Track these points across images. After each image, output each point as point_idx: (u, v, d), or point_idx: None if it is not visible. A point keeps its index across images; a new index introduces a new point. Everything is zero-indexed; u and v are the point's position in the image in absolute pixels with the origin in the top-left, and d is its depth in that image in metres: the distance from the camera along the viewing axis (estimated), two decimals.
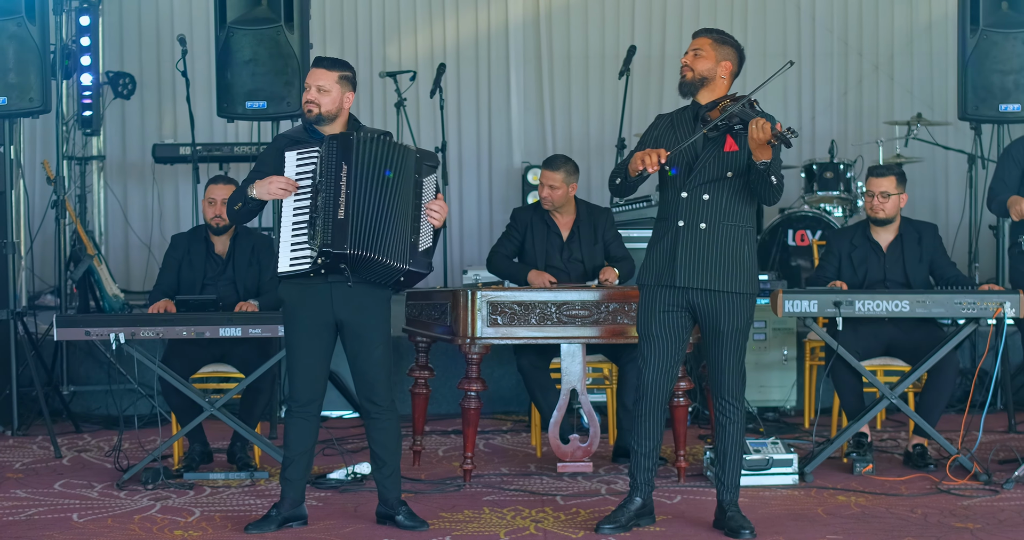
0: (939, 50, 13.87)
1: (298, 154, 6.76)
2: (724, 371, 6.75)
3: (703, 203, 6.65)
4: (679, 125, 6.79)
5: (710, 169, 6.65)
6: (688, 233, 6.66)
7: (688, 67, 6.72)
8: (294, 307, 6.84)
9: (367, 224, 6.61)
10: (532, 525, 6.96)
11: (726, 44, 6.74)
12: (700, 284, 6.65)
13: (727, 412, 6.79)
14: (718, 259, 6.64)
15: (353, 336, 6.85)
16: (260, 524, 6.90)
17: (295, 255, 6.69)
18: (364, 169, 6.64)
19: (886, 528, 6.85)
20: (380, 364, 6.90)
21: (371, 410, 6.95)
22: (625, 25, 13.97)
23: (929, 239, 8.62)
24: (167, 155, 12.41)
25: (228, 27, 10.04)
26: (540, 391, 8.50)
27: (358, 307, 6.81)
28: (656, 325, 6.74)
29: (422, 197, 6.74)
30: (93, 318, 8.16)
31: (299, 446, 6.91)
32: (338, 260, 6.59)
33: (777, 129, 6.34)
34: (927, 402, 8.29)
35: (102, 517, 7.21)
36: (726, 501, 6.83)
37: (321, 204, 6.59)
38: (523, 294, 7.81)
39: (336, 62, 6.91)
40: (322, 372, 6.93)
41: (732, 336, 6.71)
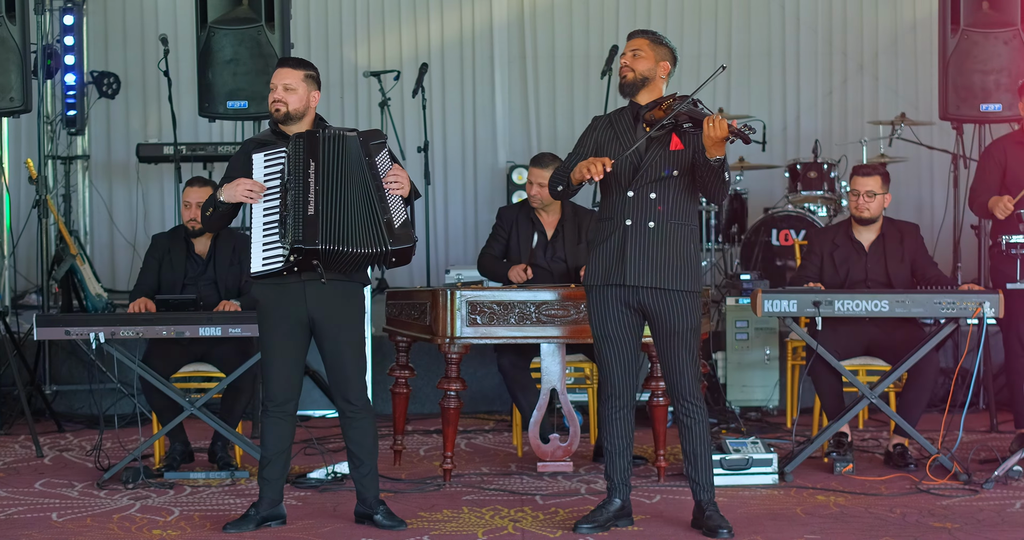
0: (924, 50, 13.85)
1: (265, 155, 6.78)
2: (683, 372, 6.73)
3: (650, 202, 6.67)
4: (619, 127, 6.81)
5: (657, 168, 6.67)
6: (637, 232, 6.68)
7: (628, 68, 6.74)
8: (268, 307, 6.84)
9: (337, 218, 6.61)
10: (510, 524, 6.96)
11: (662, 45, 6.77)
12: (650, 283, 6.66)
13: (690, 412, 6.77)
14: (667, 258, 6.66)
15: (327, 334, 6.85)
16: (238, 523, 6.90)
17: (267, 255, 6.70)
18: (331, 165, 6.65)
19: (864, 528, 6.85)
20: (354, 362, 6.91)
21: (346, 409, 6.95)
22: (609, 25, 13.96)
23: (911, 239, 8.63)
24: (151, 155, 12.38)
25: (209, 27, 10.04)
26: (521, 391, 8.50)
27: (332, 305, 6.82)
28: (612, 324, 6.76)
29: (379, 176, 6.72)
30: (73, 317, 8.16)
31: (276, 446, 6.92)
32: (310, 256, 6.59)
33: (733, 126, 6.37)
34: (907, 402, 8.30)
35: (81, 517, 7.21)
36: (704, 500, 6.83)
37: (291, 202, 6.60)
38: (502, 294, 7.81)
39: (301, 61, 6.97)
40: (297, 371, 6.94)
41: (686, 335, 6.71)
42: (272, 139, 6.86)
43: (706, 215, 12.09)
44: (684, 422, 6.79)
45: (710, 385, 9.92)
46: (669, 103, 6.61)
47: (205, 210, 6.90)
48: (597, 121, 6.95)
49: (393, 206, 6.71)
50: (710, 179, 6.56)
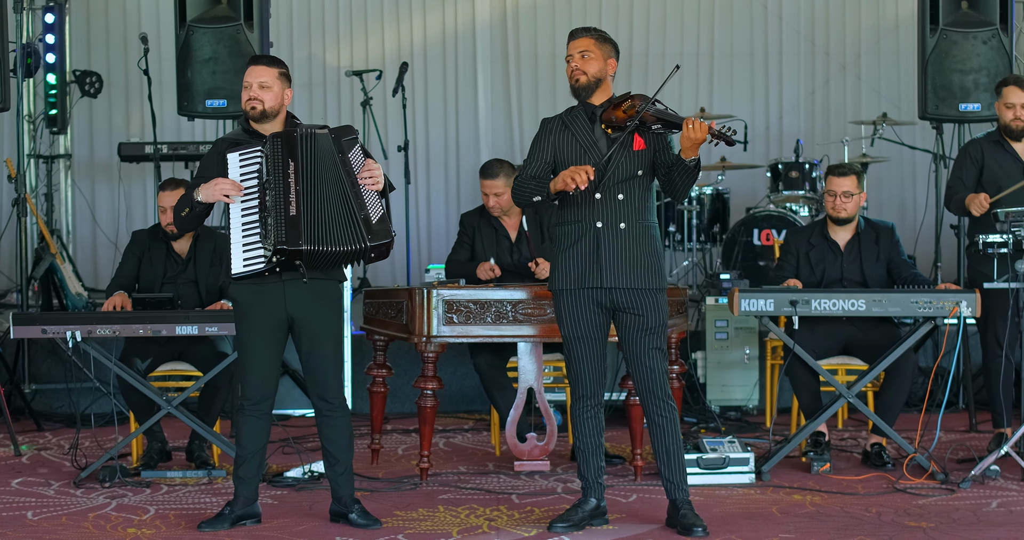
0: (906, 50, 13.83)
1: (240, 155, 6.76)
2: (654, 369, 6.73)
3: (619, 203, 6.68)
4: (576, 128, 6.78)
5: (623, 169, 6.68)
6: (608, 234, 6.69)
7: (580, 71, 6.71)
8: (246, 307, 6.83)
9: (317, 217, 6.61)
10: (485, 523, 6.96)
11: (607, 41, 6.77)
12: (627, 283, 6.67)
13: (662, 411, 6.77)
14: (639, 257, 6.69)
15: (305, 333, 6.85)
16: (213, 522, 6.90)
17: (248, 255, 6.69)
18: (308, 164, 6.64)
19: (839, 527, 6.86)
20: (332, 360, 6.92)
21: (322, 407, 6.95)
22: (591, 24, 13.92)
23: (886, 239, 8.63)
24: (133, 154, 12.35)
25: (188, 26, 10.02)
26: (497, 390, 8.50)
27: (311, 304, 6.82)
28: (585, 326, 6.76)
29: (352, 173, 6.70)
30: (49, 316, 8.16)
31: (252, 445, 6.92)
32: (293, 257, 6.59)
33: (714, 128, 6.37)
34: (885, 401, 8.31)
35: (56, 515, 7.20)
36: (679, 499, 6.83)
37: (271, 202, 6.59)
38: (479, 292, 7.81)
39: (273, 59, 7.00)
40: (274, 370, 6.94)
41: (658, 332, 6.73)
42: (245, 138, 6.85)
43: (688, 214, 12.09)
44: (655, 420, 6.78)
45: (689, 384, 9.93)
46: (629, 103, 6.59)
47: (180, 210, 6.88)
48: (548, 124, 6.91)
49: (369, 202, 6.69)
50: (681, 179, 6.58)
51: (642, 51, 13.88)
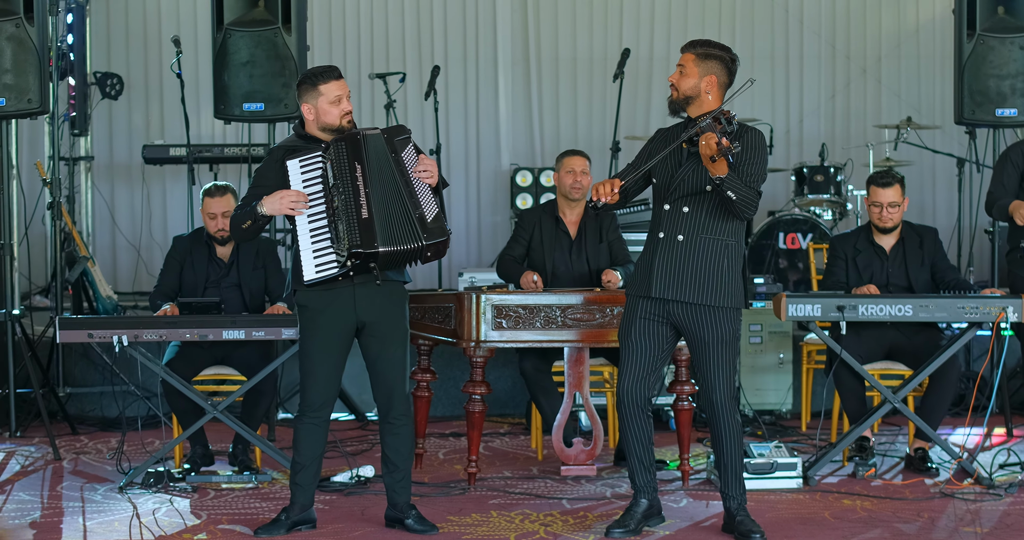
0: (926, 54, 13.93)
1: (300, 161, 6.73)
2: (714, 386, 6.72)
3: (683, 215, 6.69)
4: (670, 139, 6.82)
5: (690, 182, 6.68)
6: (666, 245, 6.71)
7: (673, 86, 6.74)
8: (315, 313, 6.80)
9: (387, 219, 6.59)
10: (542, 529, 6.95)
11: (710, 58, 6.70)
12: (676, 296, 6.67)
13: (721, 424, 6.78)
14: (695, 271, 6.66)
15: (375, 336, 6.84)
16: (269, 528, 6.89)
17: (320, 261, 6.65)
18: (375, 166, 6.63)
19: (895, 533, 6.87)
20: (400, 364, 6.90)
21: (389, 414, 6.93)
22: (613, 28, 13.98)
23: (930, 243, 8.66)
24: (157, 156, 12.35)
25: (225, 29, 9.99)
26: (543, 395, 8.49)
27: (381, 307, 6.82)
28: (635, 332, 6.77)
29: (407, 172, 6.69)
30: (96, 321, 8.11)
31: (311, 452, 6.90)
32: (369, 260, 6.58)
33: (724, 144, 6.35)
34: (929, 406, 8.31)
35: (108, 520, 7.19)
36: (733, 507, 6.84)
37: (342, 206, 6.57)
38: (528, 297, 7.81)
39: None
40: (337, 378, 6.91)
41: (718, 348, 6.69)
42: (301, 144, 6.83)
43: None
44: (714, 432, 6.81)
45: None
46: (702, 119, 6.59)
47: (240, 222, 6.80)
48: (657, 133, 6.98)
49: (424, 200, 6.68)
50: (720, 196, 6.57)
51: (663, 55, 13.89)
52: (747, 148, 6.64)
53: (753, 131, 6.73)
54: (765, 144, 6.75)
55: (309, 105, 6.80)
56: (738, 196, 6.52)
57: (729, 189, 6.48)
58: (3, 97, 9.12)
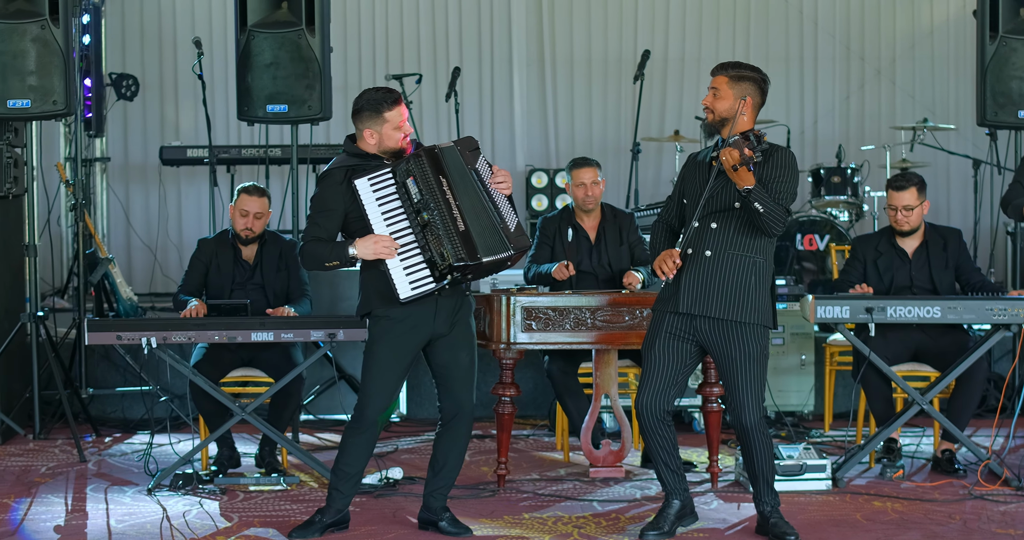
0: (941, 55, 13.96)
1: (370, 180, 6.68)
2: (742, 402, 6.72)
3: (711, 232, 6.72)
4: (701, 166, 6.86)
5: (719, 199, 6.70)
6: (694, 260, 6.73)
7: (709, 109, 6.76)
8: (393, 322, 6.74)
9: (481, 230, 6.59)
10: (575, 531, 6.95)
11: (744, 80, 6.74)
12: (702, 311, 6.68)
13: (752, 443, 6.79)
14: (721, 287, 6.67)
15: (446, 345, 6.83)
16: (304, 529, 6.88)
17: (413, 278, 6.61)
18: (457, 178, 6.63)
19: (929, 534, 6.87)
20: (469, 370, 6.90)
21: (456, 415, 6.92)
22: (628, 29, 14.00)
23: (954, 245, 8.65)
24: (175, 157, 12.34)
25: (249, 30, 9.98)
26: (570, 396, 8.50)
27: (456, 317, 6.82)
28: (659, 347, 6.78)
29: (485, 183, 6.69)
30: (124, 322, 8.10)
31: (359, 462, 6.89)
32: (468, 271, 6.58)
33: (746, 153, 6.36)
34: (956, 408, 8.31)
35: (140, 522, 7.18)
36: (766, 511, 6.85)
37: (437, 220, 6.55)
38: (558, 299, 7.82)
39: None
40: (398, 391, 6.90)
41: (746, 364, 6.69)
42: (357, 162, 6.78)
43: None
44: (746, 444, 6.82)
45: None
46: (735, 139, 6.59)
47: (326, 260, 6.69)
48: (688, 159, 7.01)
49: (504, 210, 6.70)
50: (747, 210, 6.59)
51: (678, 56, 13.92)
52: (776, 166, 6.68)
53: (783, 150, 6.77)
54: (795, 164, 6.77)
55: (372, 130, 6.74)
56: (765, 209, 6.53)
57: (756, 201, 6.50)
58: (28, 99, 9.09)
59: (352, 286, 10.23)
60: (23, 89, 9.11)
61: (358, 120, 6.78)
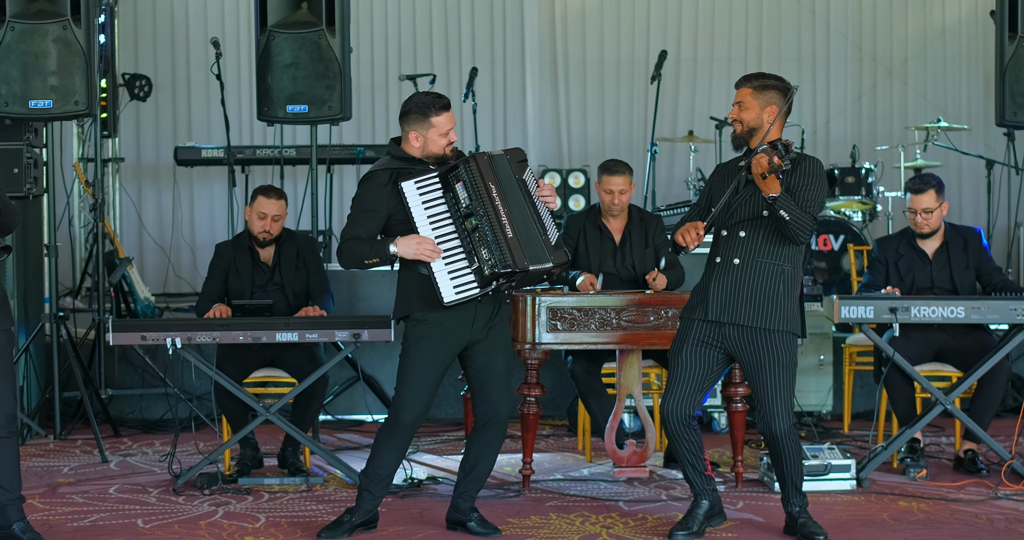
0: (952, 56, 13.97)
1: (417, 184, 6.69)
2: (771, 408, 6.74)
3: (739, 240, 6.75)
4: (731, 173, 6.89)
5: (746, 208, 6.74)
6: (723, 268, 6.76)
7: (737, 121, 6.79)
8: (430, 329, 6.74)
9: (527, 238, 6.61)
10: (604, 531, 6.96)
11: (768, 89, 6.78)
12: (731, 318, 6.71)
13: (782, 450, 6.81)
14: (750, 295, 6.71)
15: (482, 349, 6.83)
16: (332, 529, 6.88)
17: (458, 282, 6.63)
18: (506, 186, 6.65)
19: (957, 534, 6.88)
20: (505, 374, 6.90)
21: (491, 419, 6.91)
22: (640, 30, 14.01)
23: (975, 245, 8.66)
24: (190, 158, 12.34)
25: (269, 31, 9.99)
26: (593, 397, 8.49)
27: (493, 322, 6.82)
28: (686, 353, 6.80)
29: (531, 193, 6.71)
30: (149, 323, 8.11)
31: (391, 465, 6.90)
32: (512, 278, 6.59)
33: (775, 162, 6.39)
34: (979, 408, 8.31)
35: (167, 523, 7.18)
36: (795, 512, 6.86)
37: (486, 225, 6.56)
38: (583, 299, 7.83)
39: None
40: (432, 395, 6.87)
41: (775, 371, 6.72)
42: (402, 165, 6.77)
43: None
44: (776, 457, 6.85)
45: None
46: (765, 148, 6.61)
47: (365, 257, 6.69)
48: (717, 168, 7.07)
49: (547, 222, 6.71)
50: (774, 218, 6.61)
51: (690, 56, 13.92)
52: (804, 174, 6.71)
53: (811, 159, 6.80)
54: (823, 173, 6.79)
55: (417, 134, 6.73)
56: (791, 217, 6.55)
57: (782, 208, 6.53)
58: (49, 99, 9.09)
59: (371, 286, 10.25)
60: (44, 89, 9.12)
61: (405, 122, 6.78)
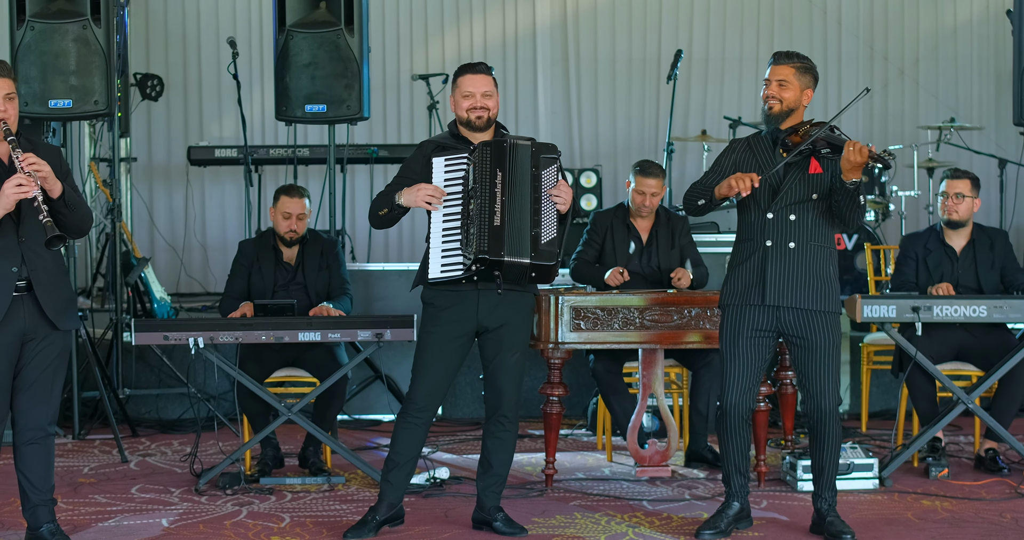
0: (964, 55, 13.97)
1: (446, 160, 6.72)
2: (823, 391, 6.76)
3: (790, 223, 6.73)
4: (758, 150, 6.87)
5: (796, 191, 6.74)
6: (777, 252, 6.73)
7: (775, 99, 6.76)
8: (438, 312, 6.78)
9: (514, 230, 6.60)
10: (630, 531, 6.96)
11: (807, 72, 6.80)
12: (790, 303, 6.70)
13: (827, 431, 6.82)
14: (807, 278, 6.71)
15: (493, 342, 6.83)
16: (358, 529, 6.87)
17: (447, 262, 6.66)
18: (516, 176, 6.64)
19: (983, 533, 6.88)
20: (515, 370, 6.89)
21: (497, 417, 6.93)
22: (652, 30, 14.01)
23: (1001, 245, 8.67)
24: (203, 157, 12.33)
25: (287, 30, 9.98)
26: (615, 396, 8.49)
27: (502, 314, 6.80)
28: (744, 344, 6.78)
29: (540, 190, 6.69)
30: (171, 323, 8.12)
31: (408, 451, 6.88)
32: (493, 267, 6.58)
33: (873, 151, 6.39)
34: (1000, 406, 8.33)
35: (192, 522, 7.18)
36: (823, 508, 6.86)
37: (476, 210, 6.58)
38: (607, 299, 7.82)
39: (488, 67, 6.97)
40: (448, 380, 6.88)
41: (828, 352, 6.73)
42: (452, 143, 6.82)
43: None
44: (819, 437, 6.83)
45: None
46: (806, 129, 6.64)
47: (379, 209, 6.80)
48: (735, 144, 7.01)
49: (546, 221, 6.68)
50: (845, 203, 6.61)
51: (702, 56, 13.92)
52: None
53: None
54: None
55: (452, 97, 6.88)
56: (864, 202, 6.64)
57: (862, 194, 6.60)
58: (69, 99, 9.10)
59: (388, 286, 10.26)
60: (64, 89, 9.12)
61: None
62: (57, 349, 6.45)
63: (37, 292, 6.31)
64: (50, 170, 6.14)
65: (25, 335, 6.34)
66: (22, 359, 6.37)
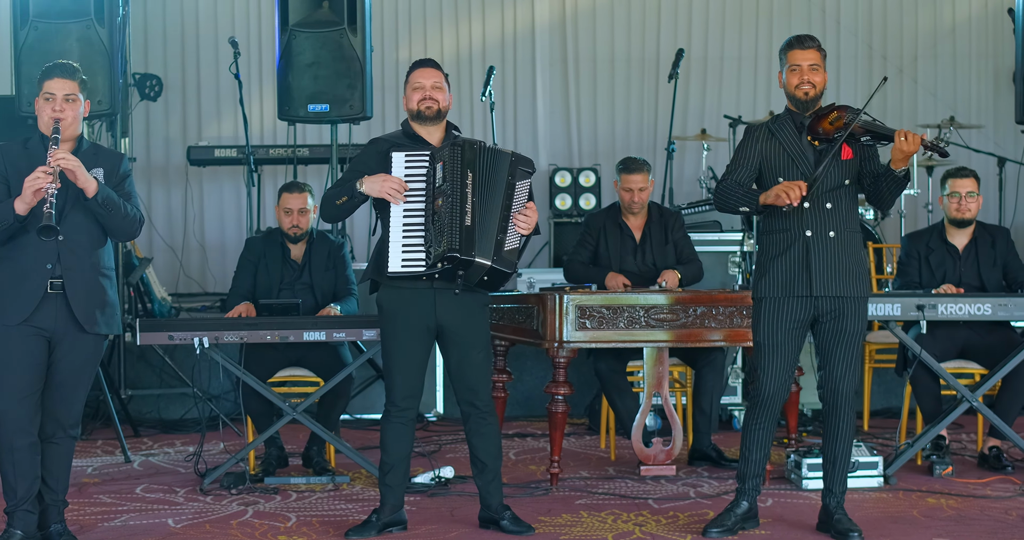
0: (962, 53, 13.97)
1: (407, 156, 6.73)
2: (845, 377, 6.76)
3: (827, 212, 6.70)
4: (783, 137, 6.79)
5: (831, 178, 6.69)
6: (819, 242, 6.69)
7: (810, 83, 6.72)
8: (395, 310, 6.80)
9: (486, 232, 6.61)
10: (637, 529, 6.95)
11: (825, 58, 6.85)
12: (835, 292, 6.68)
13: (843, 418, 6.82)
14: (848, 265, 6.70)
15: (454, 341, 6.83)
16: (361, 529, 6.87)
17: (407, 257, 6.66)
18: (488, 179, 6.65)
19: (989, 531, 6.88)
20: (481, 367, 6.90)
21: (472, 414, 6.93)
22: (651, 29, 13.99)
23: (1003, 243, 8.68)
24: (203, 157, 12.32)
25: (290, 30, 9.99)
26: (619, 395, 8.50)
27: (460, 312, 6.79)
28: (782, 336, 6.73)
29: (512, 198, 6.71)
30: (176, 322, 8.12)
31: (398, 451, 6.88)
32: (460, 266, 6.57)
33: (926, 139, 6.43)
34: (1004, 404, 8.33)
35: (198, 522, 7.17)
36: (832, 505, 6.85)
37: (446, 208, 6.57)
38: (612, 297, 7.82)
39: (437, 63, 7.00)
40: (420, 376, 6.89)
41: (858, 338, 6.74)
42: (405, 141, 6.83)
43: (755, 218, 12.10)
44: (832, 429, 6.83)
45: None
46: (836, 115, 6.61)
47: (335, 198, 6.81)
48: (755, 131, 6.91)
49: (511, 230, 6.70)
50: (889, 189, 6.62)
51: (700, 55, 13.91)
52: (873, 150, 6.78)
53: None
54: None
55: (404, 95, 6.94)
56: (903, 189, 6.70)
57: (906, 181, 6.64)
58: None
59: None
60: None
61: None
62: (85, 354, 6.43)
63: (68, 292, 6.30)
64: (79, 166, 6.17)
65: (54, 335, 6.33)
66: (52, 359, 6.36)
